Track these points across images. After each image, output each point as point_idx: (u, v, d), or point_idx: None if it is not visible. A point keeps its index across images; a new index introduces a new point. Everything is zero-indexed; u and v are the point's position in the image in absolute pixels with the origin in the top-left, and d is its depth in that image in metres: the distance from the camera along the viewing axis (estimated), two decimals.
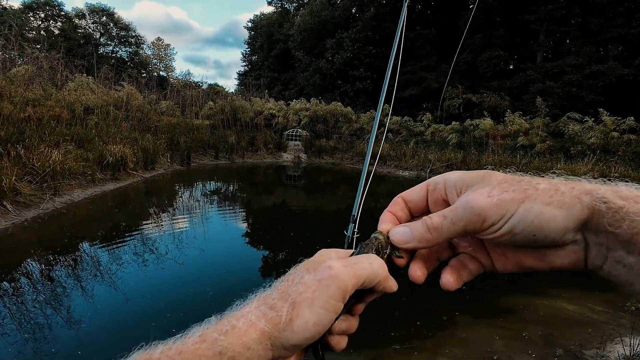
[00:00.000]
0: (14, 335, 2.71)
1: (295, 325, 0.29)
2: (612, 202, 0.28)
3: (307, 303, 0.29)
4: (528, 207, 0.29)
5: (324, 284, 0.30)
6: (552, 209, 0.29)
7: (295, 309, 0.29)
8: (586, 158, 9.89)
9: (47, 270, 3.97)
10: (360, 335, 0.35)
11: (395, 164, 13.59)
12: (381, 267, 0.34)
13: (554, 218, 0.29)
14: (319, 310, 0.29)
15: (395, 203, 0.40)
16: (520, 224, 0.30)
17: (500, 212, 0.30)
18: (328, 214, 7.51)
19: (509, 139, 12.95)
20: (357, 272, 0.31)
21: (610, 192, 0.29)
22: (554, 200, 0.29)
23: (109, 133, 10.07)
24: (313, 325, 0.29)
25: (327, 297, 0.30)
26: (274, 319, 0.29)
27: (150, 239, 5.09)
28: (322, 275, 0.31)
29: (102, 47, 38.19)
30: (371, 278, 0.33)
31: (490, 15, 18.86)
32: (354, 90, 22.73)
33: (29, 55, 11.37)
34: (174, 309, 3.19)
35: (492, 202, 0.31)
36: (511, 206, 0.30)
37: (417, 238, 0.35)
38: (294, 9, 34.59)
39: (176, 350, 0.28)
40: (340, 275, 0.31)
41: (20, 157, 6.48)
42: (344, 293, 0.31)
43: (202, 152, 13.74)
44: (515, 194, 0.30)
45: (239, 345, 0.28)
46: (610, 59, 15.04)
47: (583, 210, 0.29)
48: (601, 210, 0.28)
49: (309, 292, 0.30)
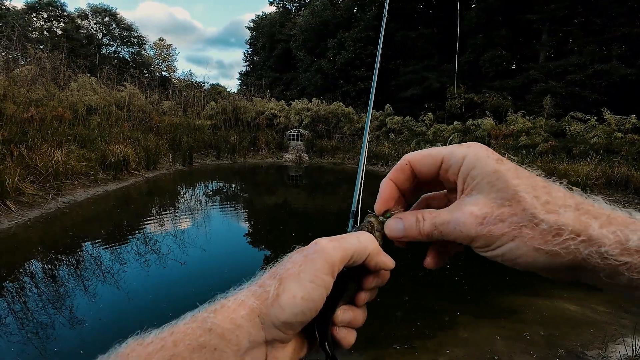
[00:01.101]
0: (17, 334, 2.72)
1: (283, 300, 0.29)
2: (614, 259, 0.26)
3: (293, 277, 0.30)
4: (515, 247, 0.29)
5: (310, 257, 0.30)
6: (540, 254, 0.28)
7: (282, 285, 0.29)
8: (589, 158, 9.84)
9: (50, 269, 3.99)
10: (361, 334, 0.35)
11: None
12: (369, 240, 0.34)
13: (539, 262, 0.29)
14: (306, 283, 0.29)
15: (402, 170, 0.37)
16: (505, 255, 0.30)
17: (489, 241, 0.30)
18: (329, 213, 7.51)
19: (511, 139, 12.91)
20: (343, 246, 0.31)
21: (615, 246, 0.26)
22: (547, 248, 0.28)
23: (112, 133, 10.10)
24: (301, 300, 0.29)
25: (314, 270, 0.30)
26: (262, 296, 0.30)
27: (153, 238, 5.11)
28: (309, 250, 0.31)
29: (104, 48, 38.34)
30: (359, 252, 0.32)
31: (492, 14, 18.80)
32: (356, 90, 22.72)
33: (31, 56, 11.41)
34: (175, 308, 3.19)
35: (482, 232, 0.30)
36: (500, 240, 0.30)
37: (409, 235, 0.35)
38: (295, 9, 34.61)
39: (168, 331, 0.28)
40: (326, 248, 0.31)
41: (23, 157, 6.51)
42: (332, 267, 0.30)
43: (204, 152, 13.76)
44: (509, 229, 0.29)
45: (228, 322, 0.28)
46: (613, 59, 14.96)
47: (575, 261, 0.28)
48: (598, 265, 0.27)
49: (295, 267, 0.30)
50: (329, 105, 18.23)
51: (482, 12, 19.08)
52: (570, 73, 15.31)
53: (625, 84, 14.18)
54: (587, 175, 8.66)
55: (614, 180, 8.79)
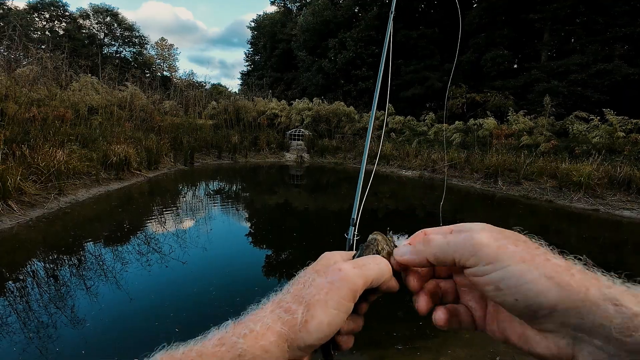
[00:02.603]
0: (19, 333, 2.73)
1: (311, 326, 0.30)
2: (626, 307, 0.24)
3: (320, 304, 0.31)
4: (525, 269, 0.27)
5: (336, 285, 0.32)
6: (549, 282, 0.26)
7: (310, 311, 0.31)
8: (591, 158, 9.81)
9: (52, 269, 4.00)
10: (363, 335, 0.35)
11: (398, 163, 13.57)
12: (387, 267, 0.36)
13: (545, 292, 0.26)
14: (332, 310, 0.31)
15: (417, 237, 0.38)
16: (508, 280, 0.28)
17: (495, 259, 0.29)
18: (331, 213, 7.51)
19: (512, 139, 12.88)
20: (365, 273, 0.33)
21: (627, 295, 0.25)
22: (556, 276, 0.26)
23: (113, 133, 10.12)
24: (327, 326, 0.30)
25: (339, 297, 0.31)
26: (290, 322, 0.31)
27: (154, 238, 5.12)
28: (334, 277, 0.32)
29: (106, 48, 38.44)
30: (378, 278, 0.34)
31: (494, 14, 18.75)
32: (357, 90, 22.71)
33: (33, 56, 11.44)
34: (177, 307, 3.20)
35: (493, 245, 0.29)
36: (509, 259, 0.28)
37: (412, 250, 0.36)
38: (296, 8, 34.59)
39: (197, 352, 0.29)
40: (351, 276, 0.32)
41: (25, 157, 6.53)
42: (355, 293, 0.32)
43: (205, 152, 13.78)
44: (521, 252, 0.28)
45: (258, 348, 0.29)
46: (615, 58, 14.89)
47: (584, 302, 0.25)
48: (608, 314, 0.24)
49: (321, 294, 0.31)
50: (330, 105, 18.24)
51: (484, 11, 19.03)
52: (573, 72, 15.25)
53: (628, 83, 14.13)
54: (589, 175, 8.63)
55: (616, 181, 8.76)
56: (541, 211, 8.02)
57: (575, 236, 6.45)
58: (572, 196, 8.73)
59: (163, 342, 0.30)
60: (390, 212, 7.63)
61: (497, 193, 9.68)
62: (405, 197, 9.45)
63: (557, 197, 8.94)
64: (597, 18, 15.95)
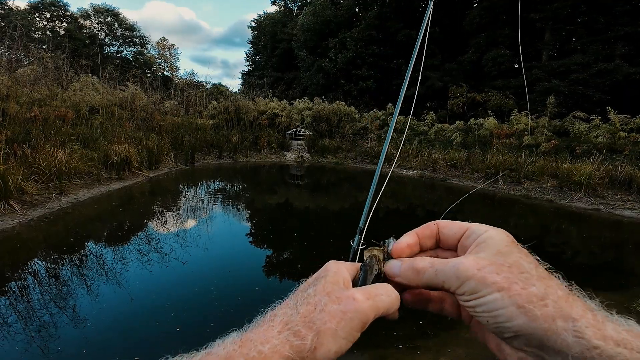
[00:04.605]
0: (20, 333, 2.74)
1: (319, 354, 0.31)
2: (587, 339, 0.27)
3: (331, 332, 0.32)
4: (499, 297, 0.30)
5: (349, 316, 0.32)
6: (518, 311, 0.29)
7: (319, 338, 0.31)
8: (592, 157, 9.79)
9: (53, 269, 4.01)
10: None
11: (399, 163, 13.56)
12: (397, 300, 0.37)
13: (512, 319, 0.29)
14: (341, 340, 0.32)
15: (429, 227, 0.40)
16: (484, 306, 0.31)
17: (479, 287, 0.31)
18: (331, 212, 7.51)
19: (513, 138, 12.86)
20: (378, 305, 0.34)
21: (591, 329, 0.28)
22: (527, 306, 0.29)
23: (114, 133, 10.13)
24: (334, 354, 0.31)
25: (349, 328, 0.32)
26: (299, 347, 0.31)
27: (155, 238, 5.12)
28: (347, 307, 0.33)
29: (107, 47, 38.47)
30: (388, 310, 0.36)
31: (495, 13, 18.72)
32: (357, 90, 22.70)
33: (34, 56, 11.46)
34: (177, 307, 3.20)
35: (477, 275, 0.32)
36: (489, 288, 0.31)
37: (402, 275, 0.38)
38: (297, 8, 34.59)
39: None
40: (364, 308, 0.33)
41: (27, 156, 6.54)
42: (365, 325, 0.33)
43: (205, 152, 13.80)
44: (502, 282, 0.31)
45: None
46: (617, 58, 14.86)
47: (546, 332, 0.28)
48: (567, 343, 0.27)
49: (333, 322, 0.32)
50: (330, 104, 18.22)
51: (485, 10, 19.00)
52: (574, 72, 15.22)
53: (629, 83, 14.10)
54: (590, 174, 8.62)
55: (617, 180, 8.75)
56: (542, 211, 8.01)
57: (575, 236, 6.45)
58: (572, 196, 8.72)
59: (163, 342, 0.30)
60: (390, 212, 7.63)
61: (497, 192, 9.67)
62: (406, 197, 9.44)
63: (558, 196, 8.93)
64: (598, 17, 15.92)
